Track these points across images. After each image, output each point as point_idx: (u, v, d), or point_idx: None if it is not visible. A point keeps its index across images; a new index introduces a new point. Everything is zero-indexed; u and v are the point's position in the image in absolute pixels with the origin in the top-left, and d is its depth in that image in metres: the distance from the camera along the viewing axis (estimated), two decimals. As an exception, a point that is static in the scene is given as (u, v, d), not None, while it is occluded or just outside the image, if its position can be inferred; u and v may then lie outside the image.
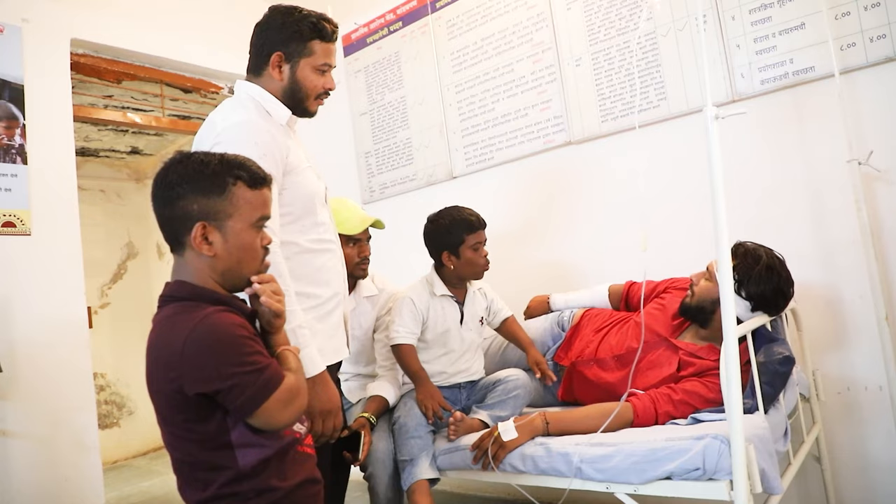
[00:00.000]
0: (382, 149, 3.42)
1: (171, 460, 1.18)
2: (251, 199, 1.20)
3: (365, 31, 3.48)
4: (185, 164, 1.17)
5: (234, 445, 1.11)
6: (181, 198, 1.15)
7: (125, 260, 5.25)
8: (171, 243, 1.20)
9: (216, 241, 1.16)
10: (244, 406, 1.08)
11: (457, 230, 2.14)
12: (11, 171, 2.39)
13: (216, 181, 1.16)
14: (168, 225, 1.18)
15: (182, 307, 1.14)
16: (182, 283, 1.17)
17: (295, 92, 1.67)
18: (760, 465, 1.42)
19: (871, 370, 2.06)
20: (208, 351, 1.07)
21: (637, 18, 2.49)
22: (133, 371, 5.08)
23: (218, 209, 1.16)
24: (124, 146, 4.94)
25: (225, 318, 1.12)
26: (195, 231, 1.14)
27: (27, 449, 2.31)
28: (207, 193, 1.15)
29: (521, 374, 2.13)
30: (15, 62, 2.45)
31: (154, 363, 1.13)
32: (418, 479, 1.89)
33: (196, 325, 1.08)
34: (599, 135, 2.61)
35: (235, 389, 1.07)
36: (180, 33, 3.10)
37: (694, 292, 1.97)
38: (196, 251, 1.16)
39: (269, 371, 1.11)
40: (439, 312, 2.16)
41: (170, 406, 1.12)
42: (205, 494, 1.12)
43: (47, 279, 2.45)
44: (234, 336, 1.10)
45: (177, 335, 1.08)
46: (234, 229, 1.17)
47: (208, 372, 1.06)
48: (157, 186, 1.18)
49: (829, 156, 2.10)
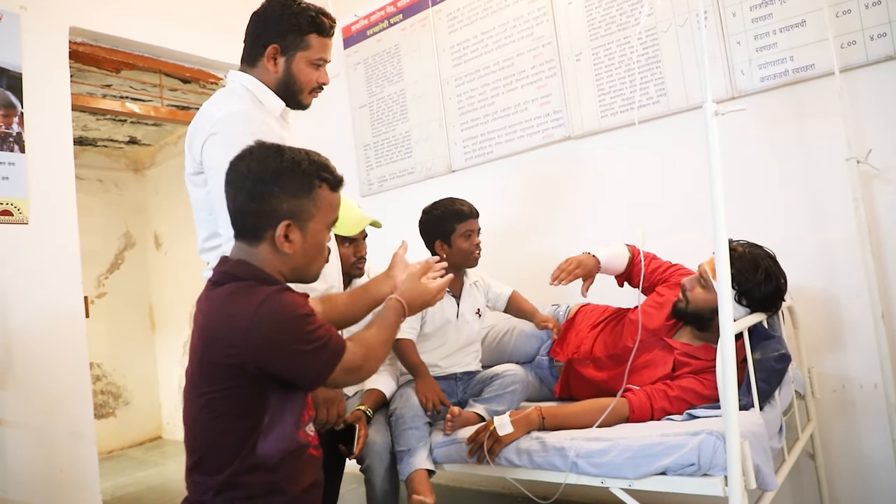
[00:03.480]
0: (381, 142, 3.41)
1: (188, 439, 1.19)
2: (332, 201, 1.25)
3: (365, 23, 3.46)
4: (277, 161, 1.19)
5: (264, 427, 1.15)
6: (273, 195, 1.18)
7: (122, 250, 5.24)
8: (245, 233, 1.22)
9: (296, 240, 1.20)
10: (314, 380, 1.17)
11: (448, 219, 2.16)
12: (9, 160, 2.38)
13: (306, 182, 1.20)
14: (251, 216, 1.20)
15: (245, 286, 1.16)
16: (245, 264, 1.20)
17: (289, 85, 1.66)
18: (755, 462, 1.42)
19: (866, 368, 2.07)
20: (274, 329, 1.11)
21: (638, 14, 2.48)
22: (129, 361, 5.09)
23: (303, 209, 1.20)
24: (122, 136, 4.92)
25: (287, 297, 1.16)
26: (280, 229, 1.18)
27: (23, 439, 2.31)
28: (297, 194, 1.19)
29: (518, 370, 2.14)
30: (13, 50, 2.44)
31: (212, 335, 1.15)
32: (417, 468, 1.89)
33: (261, 303, 1.11)
34: (599, 130, 2.61)
35: (302, 367, 1.14)
36: (179, 23, 3.09)
37: (688, 299, 1.95)
38: (273, 246, 1.19)
39: (331, 344, 1.16)
40: (437, 307, 2.16)
41: (217, 376, 1.14)
42: (216, 479, 1.13)
43: (44, 269, 2.44)
44: (297, 315, 1.14)
45: (242, 312, 1.11)
46: (313, 230, 1.22)
47: (273, 349, 1.11)
48: (245, 178, 1.19)
49: (827, 153, 2.11)
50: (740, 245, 1.90)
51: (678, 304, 1.98)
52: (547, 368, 2.27)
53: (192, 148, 1.60)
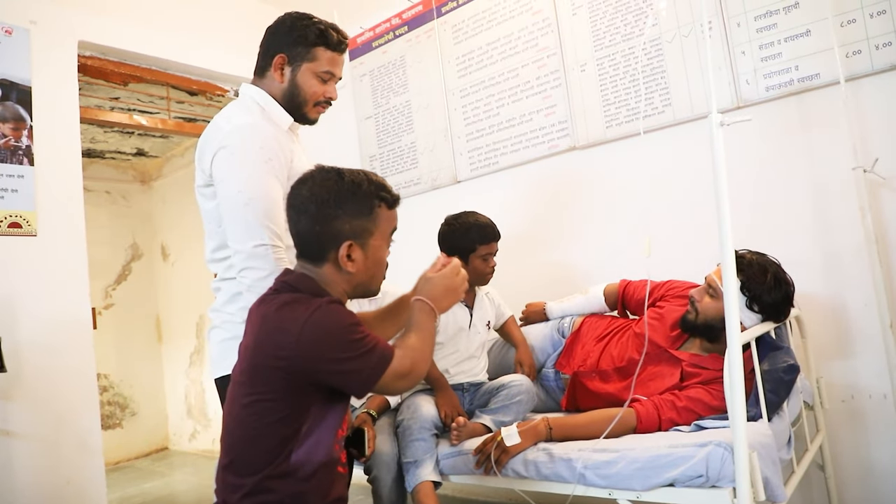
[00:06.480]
0: (387, 152, 3.43)
1: (225, 438, 1.23)
2: (390, 218, 1.30)
3: (371, 34, 3.48)
4: (339, 184, 1.24)
5: (301, 436, 1.18)
6: (336, 218, 1.23)
7: (130, 261, 5.26)
8: (310, 254, 1.27)
9: (358, 259, 1.25)
10: (363, 385, 1.19)
11: (471, 237, 2.19)
12: (18, 172, 2.40)
13: (366, 203, 1.25)
14: (315, 239, 1.25)
15: (300, 297, 1.22)
16: (306, 278, 1.26)
17: (294, 96, 1.67)
18: (764, 473, 1.41)
19: (875, 378, 2.05)
20: (323, 336, 1.16)
21: (642, 24, 2.49)
22: (136, 372, 5.10)
23: (365, 229, 1.25)
24: (130, 148, 4.95)
25: (338, 308, 1.21)
26: (343, 249, 1.23)
27: (30, 450, 2.31)
28: (358, 215, 1.24)
29: (524, 380, 2.13)
30: (22, 64, 2.47)
31: (265, 338, 1.20)
32: (423, 480, 1.89)
33: (312, 313, 1.16)
34: (604, 140, 2.61)
35: (351, 372, 1.17)
36: (186, 36, 3.12)
37: (697, 310, 1.94)
38: (337, 266, 1.24)
39: (378, 350, 1.19)
40: (450, 316, 2.20)
41: (263, 380, 1.18)
42: (247, 481, 1.16)
43: (52, 280, 2.46)
44: (346, 324, 1.18)
45: (295, 320, 1.16)
46: (374, 247, 1.27)
47: (323, 354, 1.15)
48: (308, 202, 1.24)
49: (833, 163, 2.10)
50: (748, 252, 1.91)
51: (687, 316, 1.97)
52: (553, 381, 2.26)
53: (202, 161, 1.61)
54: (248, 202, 1.49)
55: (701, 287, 1.97)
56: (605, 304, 2.34)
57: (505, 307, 2.41)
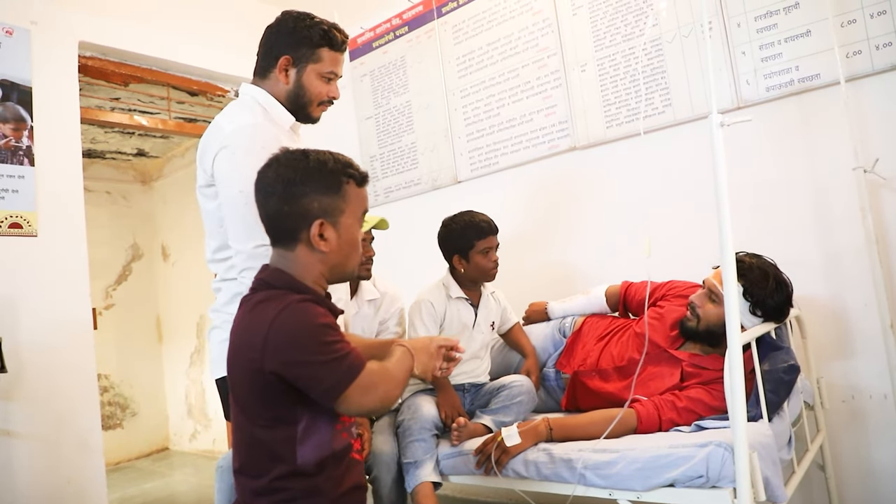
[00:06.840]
0: (387, 153, 3.43)
1: (234, 440, 1.22)
2: (360, 197, 1.29)
3: (371, 35, 3.49)
4: (303, 163, 1.22)
5: (298, 438, 1.15)
6: (304, 196, 1.20)
7: (130, 261, 5.27)
8: (282, 237, 1.24)
9: (331, 238, 1.22)
10: (327, 393, 1.12)
11: (468, 235, 2.19)
12: (19, 173, 2.40)
13: (333, 180, 1.23)
14: (285, 220, 1.22)
15: (274, 294, 1.18)
16: (281, 273, 1.22)
17: (299, 97, 1.68)
18: (764, 473, 1.41)
19: (875, 379, 2.05)
20: (290, 337, 1.11)
21: (642, 24, 2.49)
22: (137, 372, 5.11)
23: (334, 206, 1.23)
24: (130, 148, 4.96)
25: (308, 307, 1.16)
26: (314, 228, 1.20)
27: (31, 449, 2.31)
28: (326, 192, 1.22)
29: (525, 381, 2.14)
30: (23, 64, 2.47)
31: (239, 342, 1.19)
32: (423, 481, 1.89)
33: (280, 311, 1.13)
34: (604, 140, 2.61)
35: (316, 377, 1.11)
36: (187, 37, 3.12)
37: (699, 316, 1.92)
38: (310, 247, 1.21)
39: (349, 358, 1.14)
40: (455, 314, 2.21)
41: (245, 385, 1.16)
42: (258, 483, 1.15)
43: (53, 280, 2.46)
44: (315, 325, 1.13)
45: (263, 320, 1.13)
46: (346, 224, 1.24)
47: (289, 357, 1.10)
48: (275, 183, 1.21)
49: (834, 163, 2.10)
50: (746, 255, 1.89)
51: (688, 322, 1.96)
52: (553, 381, 2.26)
53: (204, 161, 1.61)
54: (249, 202, 1.48)
55: (701, 292, 1.96)
56: (606, 304, 2.34)
57: (511, 312, 2.41)
